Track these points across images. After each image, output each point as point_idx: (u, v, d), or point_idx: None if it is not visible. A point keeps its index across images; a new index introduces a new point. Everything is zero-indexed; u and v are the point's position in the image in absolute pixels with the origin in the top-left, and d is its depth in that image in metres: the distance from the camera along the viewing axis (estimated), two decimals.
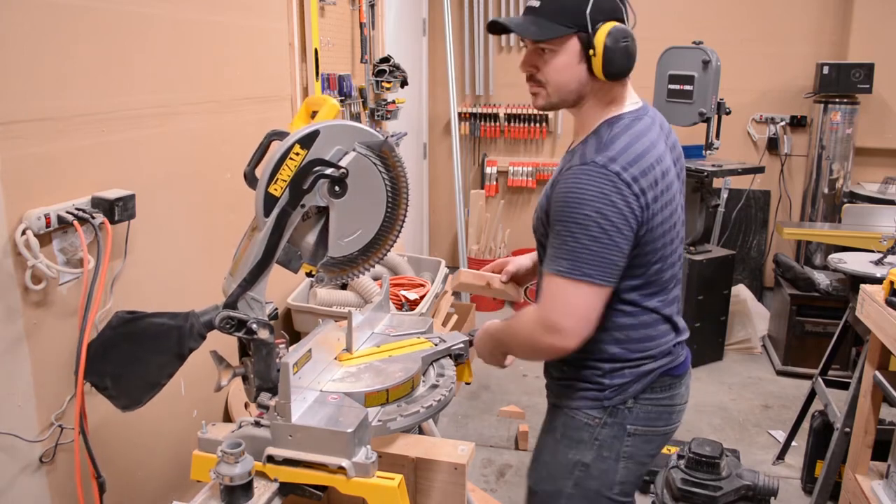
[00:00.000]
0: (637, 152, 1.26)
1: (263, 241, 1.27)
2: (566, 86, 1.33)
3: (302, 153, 1.25)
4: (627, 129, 1.30)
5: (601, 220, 1.21)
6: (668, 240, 1.35)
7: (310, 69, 2.91)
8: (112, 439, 1.77)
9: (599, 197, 1.21)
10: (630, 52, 1.29)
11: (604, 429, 1.40)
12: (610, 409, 1.39)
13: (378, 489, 1.26)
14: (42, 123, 1.56)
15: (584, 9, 1.27)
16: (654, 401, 1.40)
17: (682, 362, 1.45)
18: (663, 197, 1.30)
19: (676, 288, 1.43)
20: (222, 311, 1.30)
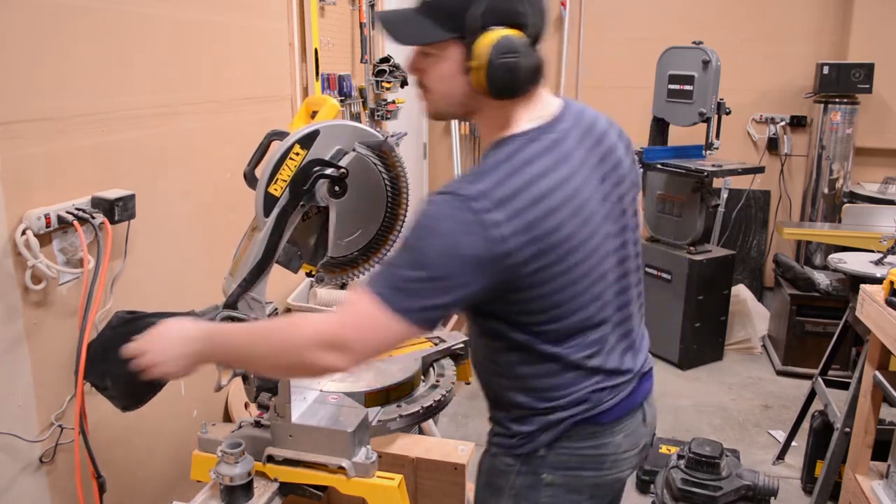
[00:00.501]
0: (514, 186, 1.05)
1: (263, 241, 1.27)
2: (449, 96, 1.15)
3: (302, 153, 1.25)
4: (511, 158, 1.09)
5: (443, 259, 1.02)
6: (573, 279, 1.12)
7: (310, 69, 2.91)
8: (112, 439, 1.77)
9: (448, 236, 1.02)
10: (514, 70, 1.06)
11: (519, 477, 1.23)
12: (522, 457, 1.23)
13: (378, 489, 1.26)
14: (42, 123, 1.56)
15: (466, 10, 1.07)
16: (573, 450, 1.21)
17: (609, 409, 1.22)
18: (558, 233, 1.08)
19: (604, 327, 1.20)
20: (222, 311, 1.30)
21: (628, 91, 4.67)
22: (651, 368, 1.34)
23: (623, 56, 4.79)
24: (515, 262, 1.05)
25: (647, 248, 3.98)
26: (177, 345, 1.18)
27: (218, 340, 1.18)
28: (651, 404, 1.33)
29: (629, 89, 4.66)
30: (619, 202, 1.22)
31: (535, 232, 1.05)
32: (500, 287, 1.08)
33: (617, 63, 4.81)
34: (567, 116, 1.18)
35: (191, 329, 1.19)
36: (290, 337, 1.10)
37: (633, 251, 1.27)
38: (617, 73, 4.79)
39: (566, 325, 1.16)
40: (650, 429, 1.32)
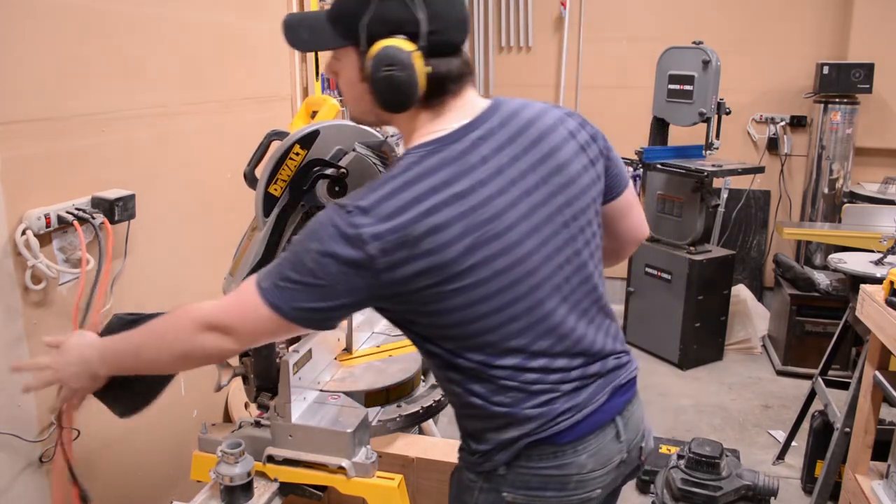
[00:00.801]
0: (397, 204, 1.01)
1: (263, 241, 1.27)
2: (357, 104, 1.14)
3: (302, 153, 1.25)
4: (403, 173, 1.04)
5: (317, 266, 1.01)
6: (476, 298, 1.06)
7: (310, 69, 2.91)
8: (112, 439, 1.77)
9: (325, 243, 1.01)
10: (397, 85, 1.02)
11: (482, 494, 1.19)
12: (484, 475, 1.18)
13: (378, 489, 1.26)
14: (42, 123, 1.56)
15: (359, 18, 1.04)
16: (533, 469, 1.16)
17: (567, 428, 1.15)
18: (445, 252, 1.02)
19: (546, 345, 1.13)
20: None
21: (628, 91, 4.68)
22: (629, 381, 1.24)
23: (623, 56, 4.79)
24: (393, 279, 1.01)
25: (647, 248, 3.98)
26: (74, 355, 1.21)
27: (109, 352, 1.19)
28: (630, 419, 1.24)
29: (629, 89, 4.66)
30: (563, 208, 1.12)
31: (414, 250, 1.00)
32: (387, 301, 1.06)
33: (617, 63, 4.81)
34: (487, 121, 1.10)
35: (86, 347, 1.22)
36: (175, 326, 1.13)
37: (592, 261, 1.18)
38: (617, 73, 4.79)
39: (490, 344, 1.10)
40: (626, 444, 1.22)
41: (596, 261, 1.20)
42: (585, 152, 1.17)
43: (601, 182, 1.20)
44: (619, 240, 1.35)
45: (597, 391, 1.18)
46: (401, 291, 1.04)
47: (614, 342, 1.23)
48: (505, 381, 1.12)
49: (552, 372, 1.14)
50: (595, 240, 1.19)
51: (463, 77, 1.10)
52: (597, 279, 1.20)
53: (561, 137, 1.14)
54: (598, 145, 1.20)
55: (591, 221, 1.17)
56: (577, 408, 1.15)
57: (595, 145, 1.20)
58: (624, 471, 1.25)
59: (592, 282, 1.19)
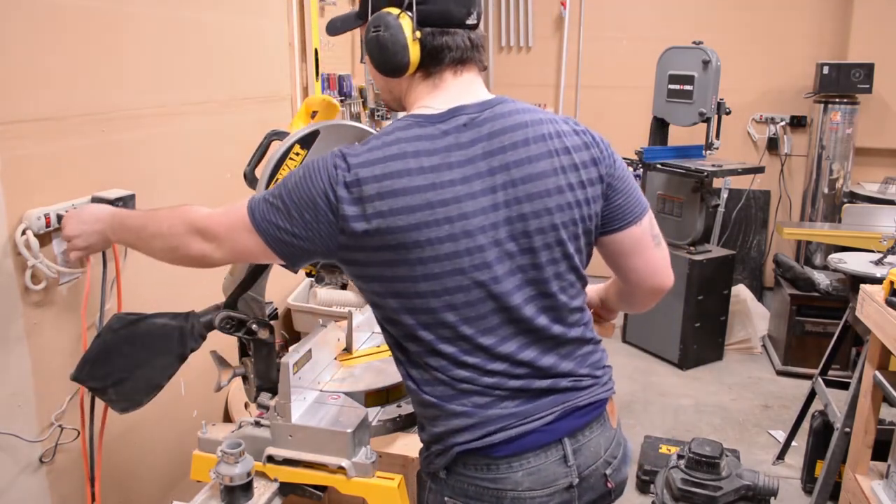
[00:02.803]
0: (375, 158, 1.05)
1: None
2: (376, 81, 1.21)
3: (302, 153, 1.25)
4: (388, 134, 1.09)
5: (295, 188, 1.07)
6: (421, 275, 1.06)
7: (310, 69, 2.91)
8: (112, 439, 1.77)
9: (308, 170, 1.07)
10: (382, 44, 1.09)
11: (430, 494, 1.19)
12: (430, 475, 1.18)
13: (378, 489, 1.26)
14: (42, 123, 1.56)
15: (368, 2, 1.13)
16: (469, 478, 1.13)
17: (506, 441, 1.11)
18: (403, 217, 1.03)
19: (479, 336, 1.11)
20: (222, 311, 1.30)
21: (628, 91, 4.68)
22: (590, 405, 1.18)
23: (623, 56, 4.79)
24: (352, 229, 1.04)
25: None
26: (89, 223, 1.37)
27: (119, 220, 1.33)
28: (586, 444, 1.18)
29: (629, 89, 4.66)
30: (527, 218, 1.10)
31: (368, 208, 1.04)
32: (344, 256, 1.09)
33: (617, 63, 4.81)
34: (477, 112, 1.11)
35: (102, 210, 1.38)
36: (172, 221, 1.20)
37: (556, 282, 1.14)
38: (617, 73, 4.79)
39: (430, 327, 1.10)
40: (577, 469, 1.16)
41: (563, 284, 1.15)
42: (578, 172, 1.13)
43: (591, 207, 1.15)
44: (628, 282, 1.29)
45: (542, 408, 1.14)
46: (353, 247, 1.07)
47: (577, 365, 1.18)
48: (437, 373, 1.11)
49: (486, 374, 1.11)
50: (565, 263, 1.14)
51: (466, 57, 1.13)
52: (562, 300, 1.15)
53: (546, 149, 1.12)
54: (601, 170, 1.16)
55: (562, 241, 1.13)
56: (515, 419, 1.12)
57: (595, 168, 1.15)
58: (581, 496, 1.18)
59: (553, 300, 1.14)
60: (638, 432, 3.14)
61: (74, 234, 1.38)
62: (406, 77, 1.14)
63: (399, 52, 1.09)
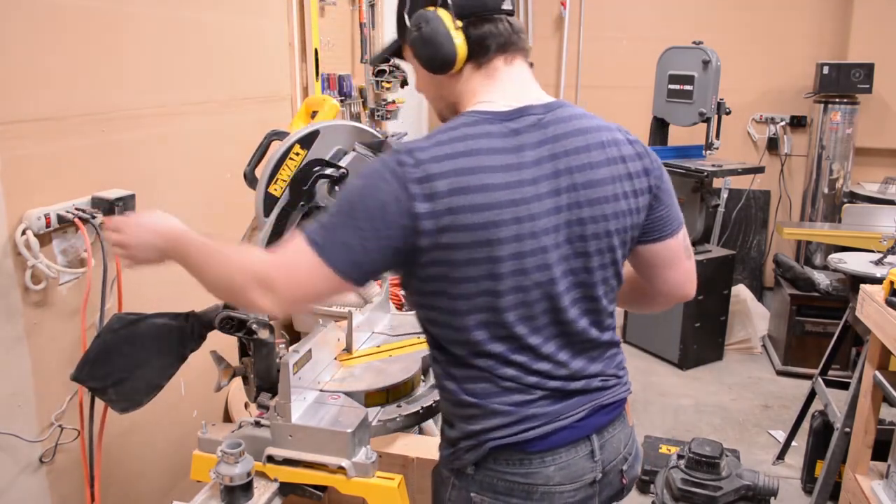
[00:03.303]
0: (444, 153, 1.04)
1: (263, 241, 1.27)
2: (427, 93, 1.21)
3: (302, 153, 1.25)
4: (457, 129, 1.08)
5: (358, 199, 1.03)
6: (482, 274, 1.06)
7: (310, 69, 2.91)
8: (112, 439, 1.77)
9: (372, 180, 1.04)
10: (426, 38, 1.09)
11: (453, 491, 1.19)
12: (455, 472, 1.19)
13: (378, 489, 1.26)
14: (42, 123, 1.56)
15: (402, 12, 1.15)
16: (500, 474, 1.15)
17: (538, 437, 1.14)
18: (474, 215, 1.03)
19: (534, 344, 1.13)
20: (222, 311, 1.30)
21: (628, 91, 4.68)
22: (614, 403, 1.22)
23: (623, 56, 4.79)
24: (423, 228, 1.02)
25: None
26: (149, 236, 1.23)
27: (183, 245, 1.20)
28: (610, 440, 1.22)
29: (629, 89, 4.66)
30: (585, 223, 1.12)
31: (449, 203, 1.02)
32: (413, 257, 1.05)
33: (617, 63, 4.81)
34: (543, 114, 1.13)
35: (165, 225, 1.23)
36: (232, 268, 1.12)
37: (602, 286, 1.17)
38: (617, 73, 4.79)
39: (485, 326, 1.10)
40: (602, 465, 1.19)
41: (607, 289, 1.18)
42: (631, 181, 1.16)
43: (639, 216, 1.19)
44: (657, 291, 1.32)
45: (574, 406, 1.16)
46: (422, 249, 1.04)
47: (605, 366, 1.22)
48: (483, 372, 1.12)
49: (531, 373, 1.13)
50: (612, 269, 1.17)
51: (511, 42, 1.14)
52: (604, 304, 1.19)
53: (604, 157, 1.14)
54: (650, 181, 1.19)
55: (613, 248, 1.15)
56: (550, 418, 1.14)
57: (646, 179, 1.19)
58: (601, 491, 1.21)
59: (597, 304, 1.17)
60: (638, 432, 3.12)
61: (132, 241, 1.24)
62: (457, 73, 1.13)
63: (444, 44, 1.09)
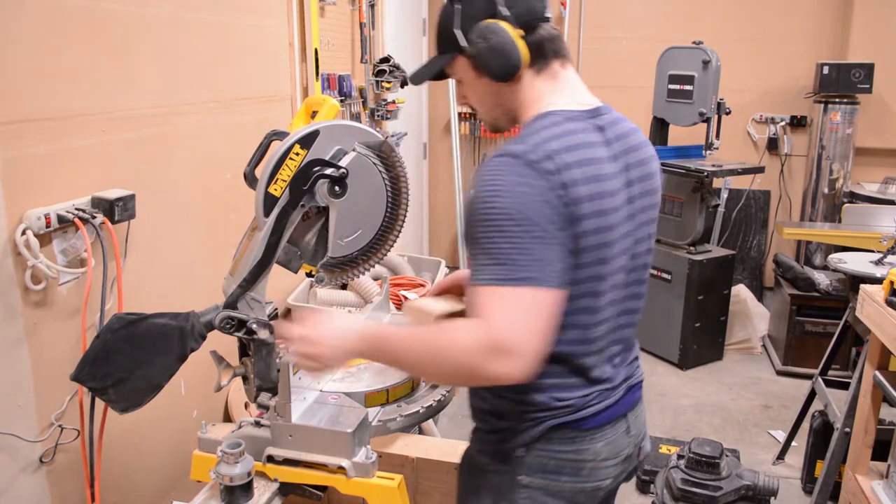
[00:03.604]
0: (563, 145, 1.08)
1: (263, 241, 1.27)
2: (484, 103, 1.24)
3: (302, 153, 1.25)
4: (557, 125, 1.12)
5: (525, 212, 1.02)
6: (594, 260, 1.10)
7: (310, 69, 2.91)
8: (112, 439, 1.77)
9: (515, 188, 1.03)
10: (497, 48, 1.13)
11: (496, 476, 1.21)
12: (500, 456, 1.20)
13: (378, 489, 1.26)
14: (42, 123, 1.56)
15: (452, 26, 1.17)
16: (552, 453, 1.18)
17: (592, 415, 1.19)
18: (592, 203, 1.08)
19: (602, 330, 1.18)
20: (222, 311, 1.30)
21: (628, 91, 4.67)
22: (641, 381, 1.32)
23: (623, 56, 4.79)
24: (575, 214, 1.06)
25: None
26: (343, 342, 1.16)
27: (383, 346, 1.14)
28: (638, 416, 1.29)
29: (629, 89, 4.66)
30: (644, 226, 1.22)
31: (586, 191, 1.07)
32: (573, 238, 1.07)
33: (617, 63, 4.81)
34: (606, 114, 1.21)
35: (356, 328, 1.18)
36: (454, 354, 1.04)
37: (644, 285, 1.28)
38: (617, 73, 4.79)
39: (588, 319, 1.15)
40: (634, 440, 1.26)
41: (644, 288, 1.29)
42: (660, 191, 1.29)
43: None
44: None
45: (619, 385, 1.24)
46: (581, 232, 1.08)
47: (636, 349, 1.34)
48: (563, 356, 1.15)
49: (595, 356, 1.19)
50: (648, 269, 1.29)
51: (560, 47, 1.20)
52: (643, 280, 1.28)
53: (656, 167, 1.27)
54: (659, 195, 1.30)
55: (650, 251, 1.27)
56: (603, 396, 1.20)
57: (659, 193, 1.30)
58: (627, 467, 1.28)
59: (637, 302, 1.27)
60: None
61: (326, 353, 1.17)
62: (516, 80, 1.17)
63: (513, 51, 1.13)
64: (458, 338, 1.03)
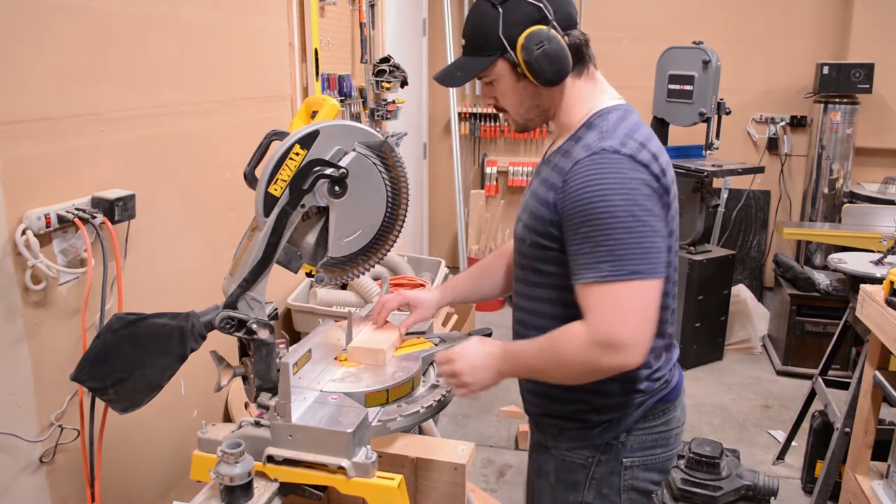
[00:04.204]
0: (644, 136, 1.19)
1: (263, 241, 1.27)
2: (521, 105, 1.29)
3: (302, 153, 1.25)
4: (625, 118, 1.22)
5: (631, 206, 1.10)
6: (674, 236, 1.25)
7: (310, 69, 2.91)
8: (112, 439, 1.77)
9: (621, 183, 1.11)
10: (552, 55, 1.18)
11: (598, 467, 1.30)
12: (602, 447, 1.30)
13: (378, 489, 1.25)
14: (42, 123, 1.56)
15: (496, 30, 1.20)
16: (649, 429, 1.31)
17: (675, 386, 1.34)
18: (674, 189, 1.22)
19: (673, 297, 1.31)
20: (222, 311, 1.30)
21: (628, 91, 4.65)
22: None
23: (623, 56, 4.79)
24: (666, 200, 1.18)
25: None
26: (482, 365, 1.28)
27: (513, 360, 1.27)
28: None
29: (629, 89, 4.63)
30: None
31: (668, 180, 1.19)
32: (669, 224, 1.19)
33: (617, 63, 4.79)
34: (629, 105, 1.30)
35: (490, 348, 1.29)
36: (570, 354, 1.16)
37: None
38: (617, 73, 4.76)
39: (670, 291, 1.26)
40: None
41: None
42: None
43: None
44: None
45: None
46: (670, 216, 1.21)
47: None
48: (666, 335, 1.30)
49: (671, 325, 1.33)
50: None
51: (591, 53, 1.28)
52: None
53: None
54: None
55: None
56: (676, 366, 1.35)
57: None
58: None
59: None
60: None
61: (471, 380, 1.30)
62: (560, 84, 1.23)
63: (566, 57, 1.20)
64: (575, 343, 1.14)
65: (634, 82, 4.62)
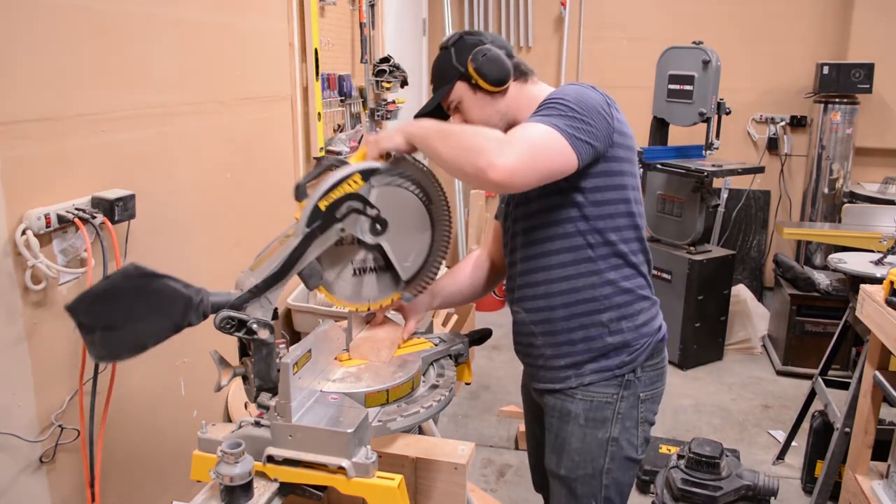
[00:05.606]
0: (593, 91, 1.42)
1: (288, 250, 1.29)
2: (483, 113, 1.48)
3: (359, 184, 1.31)
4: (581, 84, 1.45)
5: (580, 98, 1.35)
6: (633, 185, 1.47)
7: (310, 69, 2.91)
8: (111, 439, 1.77)
9: (576, 87, 1.39)
10: (494, 59, 1.44)
11: (621, 402, 1.51)
12: (623, 383, 1.50)
13: (378, 489, 1.26)
14: (42, 123, 1.56)
15: (450, 61, 1.47)
16: (653, 365, 1.54)
17: (664, 329, 1.58)
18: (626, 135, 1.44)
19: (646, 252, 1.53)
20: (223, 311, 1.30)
21: (628, 91, 4.67)
22: None
23: (623, 56, 4.79)
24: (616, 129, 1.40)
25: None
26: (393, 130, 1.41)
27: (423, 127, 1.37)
28: None
29: (629, 89, 4.65)
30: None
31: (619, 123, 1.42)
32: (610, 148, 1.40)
33: (617, 63, 4.81)
34: None
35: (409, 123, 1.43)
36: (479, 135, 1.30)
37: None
38: (617, 73, 4.80)
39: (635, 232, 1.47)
40: None
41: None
42: None
43: None
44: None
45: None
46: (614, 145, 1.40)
47: None
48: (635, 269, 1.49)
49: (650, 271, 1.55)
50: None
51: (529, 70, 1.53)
52: None
53: None
54: None
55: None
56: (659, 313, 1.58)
57: None
58: None
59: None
60: None
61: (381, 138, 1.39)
62: (504, 92, 1.47)
63: (505, 60, 1.45)
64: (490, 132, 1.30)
65: (634, 82, 4.63)
